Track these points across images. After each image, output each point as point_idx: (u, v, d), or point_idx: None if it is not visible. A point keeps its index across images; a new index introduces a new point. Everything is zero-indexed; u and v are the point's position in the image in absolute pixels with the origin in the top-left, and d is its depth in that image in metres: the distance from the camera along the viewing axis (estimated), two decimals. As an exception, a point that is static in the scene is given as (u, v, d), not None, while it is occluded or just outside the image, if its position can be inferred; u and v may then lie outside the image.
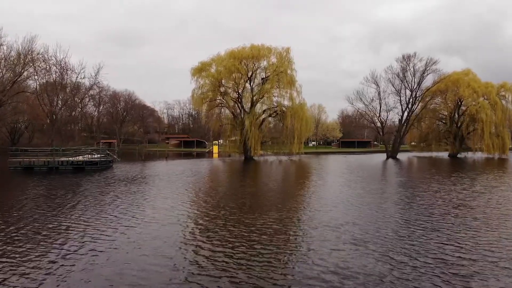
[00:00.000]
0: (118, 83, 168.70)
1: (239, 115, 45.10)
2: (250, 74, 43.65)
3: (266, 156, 47.87)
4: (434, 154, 55.81)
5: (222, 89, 44.18)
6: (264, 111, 44.47)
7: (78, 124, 78.58)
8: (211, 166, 33.81)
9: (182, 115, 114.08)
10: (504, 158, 46.40)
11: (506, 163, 38.43)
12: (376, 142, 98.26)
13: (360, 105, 54.15)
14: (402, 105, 51.64)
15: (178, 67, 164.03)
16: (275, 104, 43.56)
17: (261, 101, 43.34)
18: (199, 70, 43.81)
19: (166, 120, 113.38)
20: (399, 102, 51.71)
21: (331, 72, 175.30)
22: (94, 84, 58.78)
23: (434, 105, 57.09)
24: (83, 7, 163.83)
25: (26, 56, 46.89)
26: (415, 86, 50.42)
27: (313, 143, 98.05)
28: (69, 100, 56.99)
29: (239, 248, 7.30)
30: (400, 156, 52.03)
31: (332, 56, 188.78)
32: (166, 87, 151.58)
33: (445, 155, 54.35)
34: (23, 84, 50.28)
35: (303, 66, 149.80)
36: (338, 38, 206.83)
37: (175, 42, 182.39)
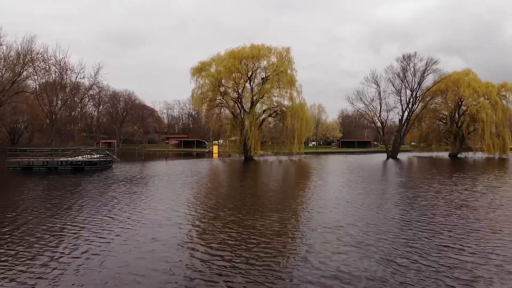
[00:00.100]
0: (118, 83, 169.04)
1: (239, 115, 44.94)
2: (250, 74, 43.49)
3: (266, 156, 47.71)
4: (434, 154, 55.66)
5: (222, 89, 44.03)
6: (264, 111, 44.32)
7: (78, 124, 78.58)
8: (211, 166, 33.65)
9: (182, 115, 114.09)
10: (505, 158, 46.25)
11: (507, 163, 38.27)
12: (376, 142, 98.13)
13: (361, 105, 54.16)
14: (402, 105, 51.63)
15: (178, 67, 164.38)
16: (275, 104, 43.43)
17: (261, 101, 43.19)
18: (199, 70, 43.67)
19: (166, 120, 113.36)
20: (399, 102, 51.73)
21: (331, 72, 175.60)
22: (93, 84, 58.87)
23: (434, 105, 56.96)
24: (83, 7, 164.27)
25: (25, 56, 46.85)
26: (416, 86, 50.40)
27: (313, 143, 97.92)
28: (68, 100, 56.94)
29: (238, 251, 7.14)
30: (400, 156, 51.89)
31: (332, 56, 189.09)
32: (166, 87, 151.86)
33: (445, 155, 54.19)
34: (23, 84, 50.24)
35: (303, 66, 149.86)
36: (338, 38, 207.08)
37: (175, 42, 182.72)
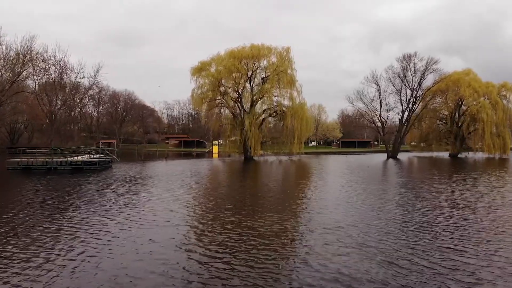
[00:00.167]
0: (118, 83, 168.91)
1: (239, 115, 44.83)
2: (250, 73, 43.38)
3: (266, 156, 47.59)
4: (434, 154, 55.53)
5: (222, 88, 43.91)
6: (264, 111, 44.19)
7: (78, 124, 78.48)
8: (210, 166, 33.55)
9: (182, 115, 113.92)
10: (505, 158, 46.14)
11: (507, 163, 38.17)
12: (376, 142, 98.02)
13: (361, 105, 54.06)
14: (402, 104, 51.52)
15: (178, 67, 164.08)
16: (275, 104, 43.30)
17: (261, 101, 43.06)
18: (199, 69, 43.55)
19: (165, 120, 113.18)
20: (400, 102, 51.60)
21: (331, 72, 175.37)
22: (93, 84, 58.74)
23: (434, 105, 56.83)
24: (83, 7, 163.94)
25: (25, 56, 46.70)
26: (416, 86, 50.28)
27: (313, 143, 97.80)
28: (68, 100, 56.82)
29: (237, 253, 7.03)
30: (400, 156, 51.77)
31: (332, 56, 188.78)
32: (166, 87, 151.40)
33: (445, 155, 54.07)
34: (22, 84, 50.12)
35: (303, 66, 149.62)
36: (338, 38, 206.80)
37: (175, 42, 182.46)
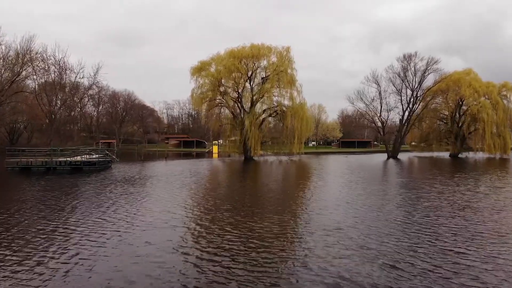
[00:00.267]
0: (118, 83, 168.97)
1: (239, 115, 44.70)
2: (250, 73, 43.25)
3: (266, 156, 47.45)
4: (435, 154, 55.41)
5: (221, 88, 43.79)
6: (264, 111, 44.06)
7: (77, 124, 78.37)
8: (210, 167, 33.43)
9: (182, 115, 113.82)
10: (506, 158, 46.04)
11: (508, 163, 38.06)
12: (376, 142, 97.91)
13: (361, 104, 54.00)
14: (403, 104, 51.47)
15: (178, 67, 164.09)
16: (275, 103, 43.18)
17: (261, 100, 42.93)
18: (199, 69, 43.42)
19: (165, 120, 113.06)
20: (400, 101, 51.57)
21: (331, 71, 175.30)
22: (93, 83, 58.71)
23: (435, 104, 56.74)
24: (83, 7, 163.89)
25: (24, 56, 46.60)
26: (416, 86, 50.23)
27: (313, 143, 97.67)
28: (68, 100, 56.76)
29: (235, 256, 6.87)
30: (400, 156, 51.67)
31: (332, 56, 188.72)
32: (166, 87, 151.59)
33: (446, 155, 53.95)
34: (22, 84, 50.02)
35: (303, 65, 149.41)
36: (338, 38, 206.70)
37: (175, 42, 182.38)
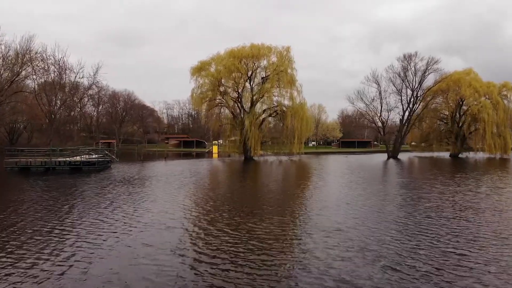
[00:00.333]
0: (118, 83, 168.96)
1: (239, 115, 44.67)
2: (250, 73, 43.21)
3: (266, 156, 47.41)
4: (435, 154, 55.38)
5: (221, 88, 43.74)
6: (264, 111, 44.02)
7: (77, 124, 78.28)
8: (210, 167, 33.39)
9: (182, 115, 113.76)
10: (506, 158, 46.03)
11: (508, 163, 38.05)
12: (376, 142, 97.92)
13: (361, 104, 53.96)
14: (403, 104, 51.45)
15: (178, 67, 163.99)
16: (275, 103, 43.13)
17: (261, 100, 42.89)
18: (199, 69, 43.37)
19: (165, 120, 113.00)
20: (400, 101, 51.53)
21: (331, 71, 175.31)
22: (92, 83, 58.56)
23: (435, 104, 56.72)
24: (83, 7, 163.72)
25: (24, 56, 46.49)
26: (416, 86, 50.20)
27: (313, 143, 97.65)
28: (67, 100, 56.63)
29: (234, 258, 6.78)
30: (401, 156, 51.64)
31: (332, 55, 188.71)
32: (166, 87, 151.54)
33: (446, 155, 53.93)
34: (21, 84, 49.93)
35: (303, 65, 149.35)
36: (338, 38, 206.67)
37: (175, 42, 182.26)
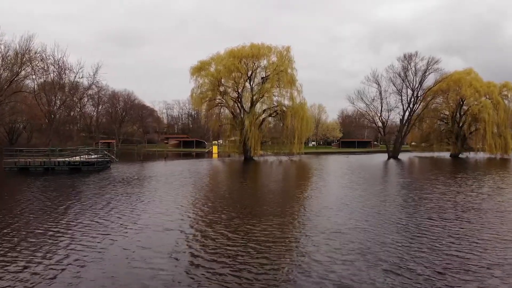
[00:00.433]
0: (117, 83, 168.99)
1: (238, 115, 44.54)
2: (250, 73, 43.08)
3: (266, 156, 47.28)
4: (435, 154, 55.25)
5: (221, 88, 43.62)
6: (264, 111, 43.89)
7: (77, 124, 78.03)
8: (210, 167, 33.29)
9: (182, 115, 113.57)
10: (506, 158, 45.94)
11: (509, 163, 37.95)
12: (376, 142, 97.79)
13: (361, 104, 53.87)
14: (403, 104, 51.37)
15: (178, 67, 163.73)
16: (275, 103, 43.00)
17: (261, 100, 42.76)
18: (199, 69, 43.24)
19: (165, 120, 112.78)
20: (401, 101, 51.45)
21: (331, 71, 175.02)
22: (92, 83, 58.42)
23: (435, 104, 56.62)
24: (83, 7, 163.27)
25: (23, 55, 46.35)
26: (417, 86, 50.10)
27: (313, 143, 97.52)
28: (67, 100, 56.44)
29: (233, 261, 6.65)
30: (401, 156, 51.52)
31: (332, 55, 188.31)
32: (166, 87, 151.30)
33: (446, 155, 53.82)
34: (21, 84, 49.81)
35: (303, 65, 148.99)
36: (338, 38, 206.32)
37: (175, 42, 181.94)
